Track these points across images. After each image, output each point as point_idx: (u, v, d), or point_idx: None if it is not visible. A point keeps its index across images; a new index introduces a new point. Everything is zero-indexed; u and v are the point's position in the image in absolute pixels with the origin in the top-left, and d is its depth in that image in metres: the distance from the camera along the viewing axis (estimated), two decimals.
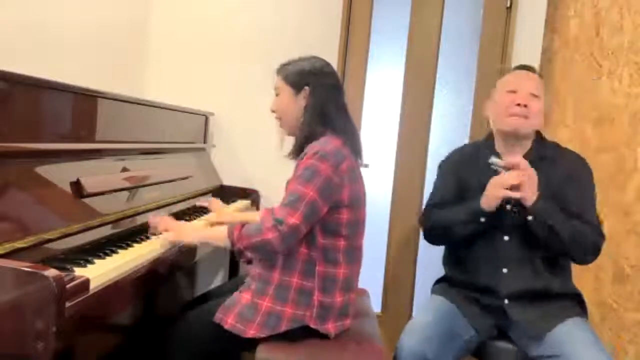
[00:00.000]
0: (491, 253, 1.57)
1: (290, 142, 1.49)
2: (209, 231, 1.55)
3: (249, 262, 1.37)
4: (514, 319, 1.51)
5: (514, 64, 2.25)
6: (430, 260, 2.43)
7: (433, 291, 1.72)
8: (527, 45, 2.27)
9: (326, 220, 1.35)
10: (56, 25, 1.90)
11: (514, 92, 1.57)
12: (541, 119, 1.59)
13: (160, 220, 1.51)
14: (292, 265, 1.36)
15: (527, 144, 1.60)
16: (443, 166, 1.78)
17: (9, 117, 1.19)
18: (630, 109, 2.22)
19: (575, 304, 1.56)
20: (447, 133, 2.43)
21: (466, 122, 2.38)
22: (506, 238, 1.56)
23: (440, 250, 1.79)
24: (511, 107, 1.55)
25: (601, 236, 1.53)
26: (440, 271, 1.77)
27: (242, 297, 1.38)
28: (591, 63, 2.26)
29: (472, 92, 2.36)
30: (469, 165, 1.67)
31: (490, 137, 1.69)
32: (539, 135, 1.63)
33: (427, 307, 1.63)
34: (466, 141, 2.37)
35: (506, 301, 1.53)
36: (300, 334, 1.35)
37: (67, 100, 1.41)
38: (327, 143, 1.35)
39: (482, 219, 1.53)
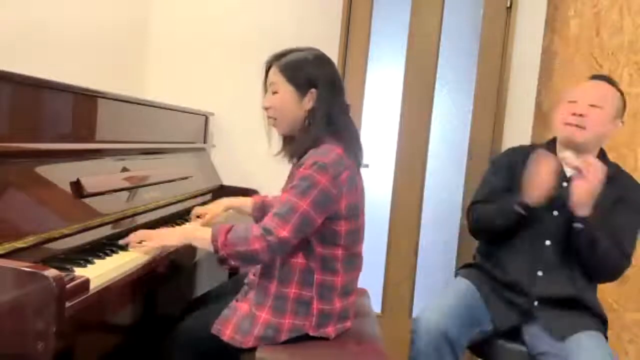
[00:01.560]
0: (530, 254, 1.57)
1: (276, 138, 1.45)
2: (192, 232, 1.41)
3: (233, 269, 1.31)
4: (540, 319, 1.51)
5: (514, 64, 2.26)
6: (430, 260, 2.44)
7: (460, 274, 1.72)
8: (527, 45, 2.27)
9: (323, 230, 1.30)
10: (56, 25, 1.90)
11: (574, 102, 1.56)
12: (602, 128, 1.55)
13: (132, 235, 1.37)
14: (289, 276, 1.33)
15: (599, 144, 1.60)
16: (496, 162, 1.76)
17: (9, 117, 1.19)
18: (630, 109, 2.21)
19: (599, 320, 1.55)
20: (447, 133, 2.43)
21: (466, 122, 2.38)
22: (548, 243, 1.57)
23: (439, 250, 1.79)
24: (567, 117, 1.55)
25: (628, 263, 1.53)
26: (440, 271, 1.77)
27: (240, 307, 1.35)
28: (591, 63, 2.26)
29: (472, 92, 2.36)
30: (524, 166, 1.61)
31: (552, 142, 1.68)
32: (602, 152, 1.62)
33: (451, 288, 1.64)
34: (466, 141, 2.37)
35: (536, 303, 1.54)
36: (300, 341, 1.33)
37: (67, 100, 1.41)
38: (327, 152, 1.28)
39: (522, 212, 1.50)
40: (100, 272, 1.13)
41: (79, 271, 1.11)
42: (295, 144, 1.38)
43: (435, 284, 2.40)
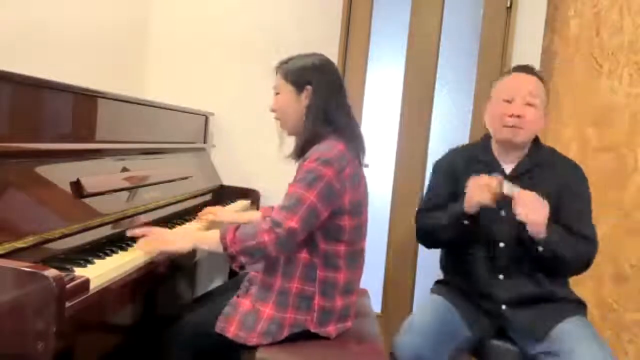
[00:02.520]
0: (487, 259, 1.56)
1: (290, 142, 1.48)
2: (199, 235, 1.42)
3: (241, 267, 1.32)
4: (514, 322, 1.51)
5: (514, 64, 2.25)
6: (430, 260, 2.44)
7: (432, 291, 1.72)
8: (527, 45, 2.27)
9: (327, 225, 1.33)
10: (56, 25, 1.90)
11: (508, 101, 1.55)
12: (538, 125, 1.56)
13: (147, 229, 1.38)
14: (292, 271, 1.34)
15: (524, 150, 1.60)
16: (437, 168, 1.75)
17: (9, 117, 1.19)
18: (630, 109, 2.22)
19: (575, 306, 1.55)
20: (447, 133, 2.43)
21: (466, 122, 2.37)
22: (502, 245, 1.55)
23: (439, 250, 1.79)
24: (505, 118, 1.54)
25: (596, 248, 1.52)
26: (440, 271, 1.78)
27: (242, 304, 1.37)
28: (591, 63, 2.26)
29: (472, 92, 2.35)
30: (465, 166, 1.64)
31: (487, 139, 1.68)
32: (536, 140, 1.62)
33: (425, 305, 1.63)
34: (466, 141, 2.37)
35: (504, 307, 1.53)
36: (301, 338, 1.34)
37: (67, 100, 1.41)
38: (330, 147, 1.32)
39: (465, 222, 1.51)
40: (100, 272, 1.13)
41: (79, 271, 1.11)
42: (296, 141, 1.43)
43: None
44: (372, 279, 2.38)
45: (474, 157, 1.66)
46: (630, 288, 2.23)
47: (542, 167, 1.57)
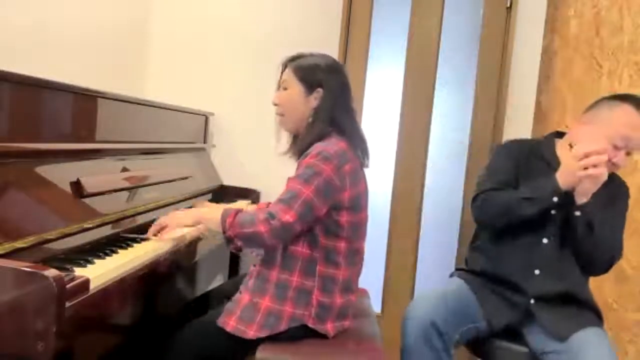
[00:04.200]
0: (527, 253, 1.57)
1: (286, 138, 1.47)
2: (204, 212, 1.46)
3: (238, 249, 1.35)
4: (539, 318, 1.52)
5: (514, 64, 2.26)
6: (430, 260, 2.44)
7: (452, 275, 1.73)
8: (527, 45, 2.27)
9: (327, 221, 1.34)
10: (56, 25, 1.90)
11: (618, 148, 1.47)
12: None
13: (153, 227, 1.46)
14: (292, 264, 1.36)
15: None
16: (502, 150, 1.70)
17: (9, 117, 1.19)
18: None
19: (595, 314, 1.57)
20: (447, 133, 2.43)
21: (466, 122, 2.38)
22: (545, 241, 1.57)
23: (439, 250, 1.79)
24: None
25: (620, 255, 1.56)
26: (440, 271, 1.77)
27: (242, 298, 1.38)
28: (591, 63, 2.26)
29: (472, 92, 2.36)
30: (529, 156, 1.62)
31: (551, 137, 1.67)
32: None
33: (441, 286, 1.65)
34: (466, 141, 2.37)
35: (532, 301, 1.54)
36: (299, 334, 1.35)
37: (67, 100, 1.41)
38: (332, 144, 1.33)
39: (555, 199, 1.47)
40: (100, 272, 1.13)
41: (79, 271, 1.11)
42: (300, 141, 1.42)
43: (435, 284, 2.39)
44: (372, 279, 2.39)
45: (537, 152, 1.64)
46: (630, 288, 2.23)
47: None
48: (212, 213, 1.40)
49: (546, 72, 2.30)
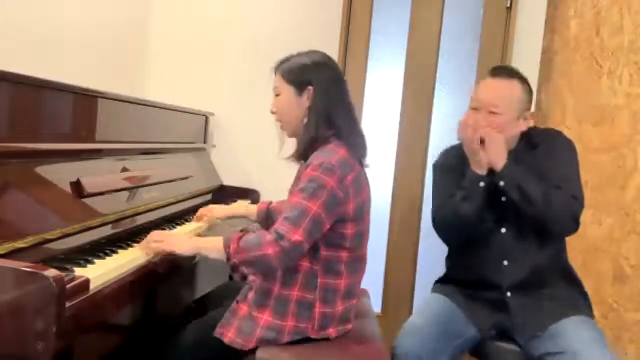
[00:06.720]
0: (492, 247, 1.57)
1: (290, 143, 1.46)
2: (203, 241, 1.39)
3: (243, 278, 1.31)
4: (516, 313, 1.51)
5: (514, 64, 2.25)
6: (430, 260, 2.44)
7: (433, 290, 1.72)
8: (527, 45, 2.27)
9: (330, 233, 1.30)
10: (56, 25, 1.90)
11: (475, 109, 1.55)
12: (509, 129, 1.53)
13: (150, 236, 1.37)
14: (292, 278, 1.32)
15: (512, 142, 1.58)
16: (436, 168, 1.72)
17: (9, 117, 1.19)
18: (630, 109, 2.22)
19: (582, 303, 1.56)
20: (447, 133, 2.41)
21: None
22: (503, 230, 1.56)
23: (439, 250, 1.79)
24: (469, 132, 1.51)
25: (579, 203, 1.50)
26: (440, 271, 1.77)
27: (240, 309, 1.34)
28: (591, 63, 2.26)
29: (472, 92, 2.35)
30: (458, 164, 1.62)
31: None
32: (529, 128, 1.59)
33: (424, 306, 1.64)
34: None
35: (508, 294, 1.53)
36: (301, 342, 1.33)
37: (67, 100, 1.41)
38: (332, 153, 1.29)
39: (482, 183, 1.50)
40: (100, 272, 1.13)
41: (79, 271, 1.11)
42: (298, 143, 1.39)
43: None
44: (372, 279, 2.38)
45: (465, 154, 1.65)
46: (630, 288, 2.23)
47: (537, 147, 1.57)
48: (211, 242, 1.34)
49: (546, 72, 2.30)
